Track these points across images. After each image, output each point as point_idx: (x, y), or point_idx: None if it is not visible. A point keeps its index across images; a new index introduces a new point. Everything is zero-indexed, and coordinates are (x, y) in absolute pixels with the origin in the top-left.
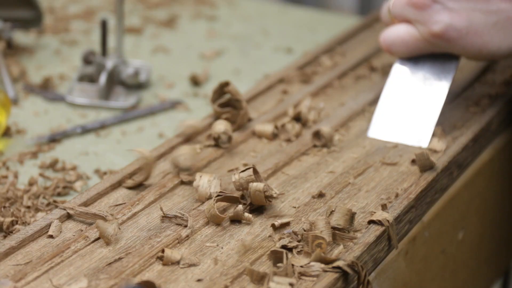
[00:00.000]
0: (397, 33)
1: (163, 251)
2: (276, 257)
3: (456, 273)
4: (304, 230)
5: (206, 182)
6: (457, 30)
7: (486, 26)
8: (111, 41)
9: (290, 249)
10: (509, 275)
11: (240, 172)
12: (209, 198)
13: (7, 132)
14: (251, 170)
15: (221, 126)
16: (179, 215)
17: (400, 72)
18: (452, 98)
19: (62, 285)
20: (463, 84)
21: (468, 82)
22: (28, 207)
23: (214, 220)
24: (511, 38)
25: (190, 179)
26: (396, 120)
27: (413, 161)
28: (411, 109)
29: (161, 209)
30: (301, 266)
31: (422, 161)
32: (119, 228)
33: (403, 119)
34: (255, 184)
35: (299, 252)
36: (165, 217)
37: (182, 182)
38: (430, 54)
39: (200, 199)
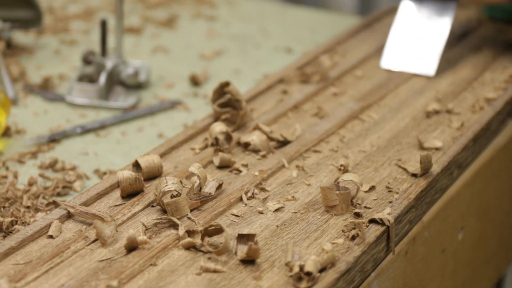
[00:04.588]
0: None
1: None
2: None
3: (456, 273)
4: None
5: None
6: None
7: None
8: (111, 41)
9: None
10: (509, 275)
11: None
12: None
13: (6, 132)
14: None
15: (219, 127)
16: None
17: (406, 10)
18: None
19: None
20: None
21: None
22: (28, 207)
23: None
24: None
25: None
26: (405, 52)
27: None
28: (418, 42)
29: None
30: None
31: (426, 164)
32: (117, 230)
33: (412, 51)
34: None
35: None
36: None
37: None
38: None
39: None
